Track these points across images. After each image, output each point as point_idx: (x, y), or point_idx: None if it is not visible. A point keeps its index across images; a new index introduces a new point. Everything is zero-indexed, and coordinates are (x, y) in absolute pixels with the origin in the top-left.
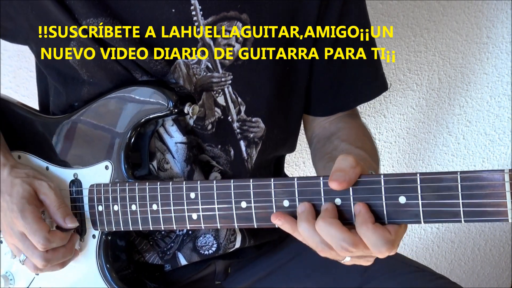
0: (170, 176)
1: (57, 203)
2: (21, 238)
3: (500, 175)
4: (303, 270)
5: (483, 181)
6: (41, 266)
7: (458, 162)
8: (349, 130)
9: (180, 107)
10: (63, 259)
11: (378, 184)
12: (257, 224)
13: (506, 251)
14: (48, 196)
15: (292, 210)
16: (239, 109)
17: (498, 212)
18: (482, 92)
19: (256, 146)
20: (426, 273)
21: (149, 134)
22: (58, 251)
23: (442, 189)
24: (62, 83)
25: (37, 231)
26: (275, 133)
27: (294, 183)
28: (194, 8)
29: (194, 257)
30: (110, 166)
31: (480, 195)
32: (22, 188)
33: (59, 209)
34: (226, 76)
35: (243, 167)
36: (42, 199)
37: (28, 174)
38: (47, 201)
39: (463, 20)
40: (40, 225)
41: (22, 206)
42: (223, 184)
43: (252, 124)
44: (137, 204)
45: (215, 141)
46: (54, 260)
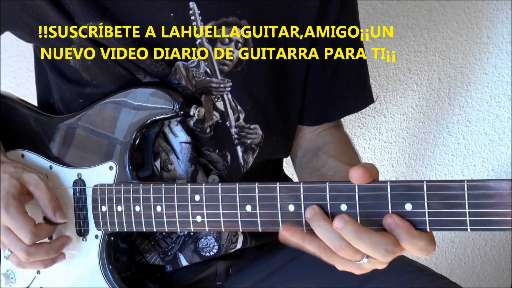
0: (173, 176)
1: (49, 196)
2: (5, 232)
3: (507, 184)
4: (303, 270)
5: (490, 190)
6: (23, 259)
7: (458, 162)
8: (335, 144)
9: (186, 109)
10: (46, 256)
11: (385, 191)
12: (262, 228)
13: (506, 251)
14: (38, 188)
15: (298, 214)
16: (238, 116)
17: (504, 221)
18: (482, 92)
19: (253, 152)
20: (426, 273)
21: (154, 136)
22: (42, 247)
23: (449, 197)
24: (64, 82)
25: (23, 225)
26: (274, 140)
27: (300, 187)
28: (193, 12)
29: (195, 258)
30: (115, 166)
31: (486, 204)
32: (9, 183)
33: (50, 202)
34: (225, 82)
35: (239, 172)
36: (32, 191)
37: (17, 167)
38: (37, 192)
39: (463, 20)
40: (25, 220)
41: (7, 201)
42: (228, 187)
43: (250, 130)
44: (141, 206)
45: (212, 145)
46: (37, 255)
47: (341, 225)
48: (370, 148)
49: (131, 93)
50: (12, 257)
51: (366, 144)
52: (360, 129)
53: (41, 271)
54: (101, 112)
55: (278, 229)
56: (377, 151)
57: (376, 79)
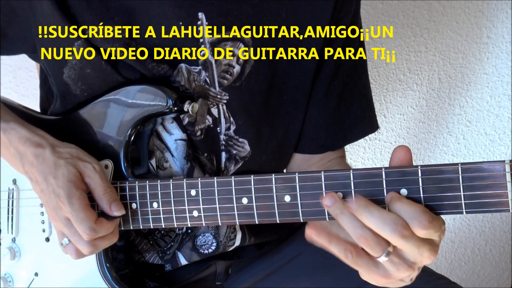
0: (169, 174)
1: (103, 188)
2: (67, 223)
3: (501, 165)
4: (303, 270)
5: (484, 172)
6: (87, 253)
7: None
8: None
9: (180, 105)
10: (109, 245)
11: (379, 177)
12: (259, 220)
13: (506, 251)
14: (93, 180)
15: (294, 205)
16: (229, 126)
17: (499, 203)
18: (482, 92)
19: (236, 163)
20: (426, 273)
21: (148, 133)
22: (105, 238)
23: (443, 181)
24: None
25: (84, 220)
26: (264, 159)
27: (295, 177)
28: (201, 23)
29: (194, 257)
30: (110, 165)
31: (481, 186)
32: (67, 170)
33: (105, 194)
34: (222, 95)
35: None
36: (87, 182)
37: (72, 154)
38: (92, 184)
39: (463, 20)
40: (87, 213)
41: (69, 191)
42: (224, 180)
43: (237, 143)
44: (137, 203)
45: (202, 148)
46: (100, 247)
47: (330, 203)
48: (370, 148)
49: (124, 90)
50: (69, 247)
51: (366, 144)
52: None
53: (39, 272)
54: (95, 111)
55: (275, 220)
56: (377, 151)
57: (376, 79)
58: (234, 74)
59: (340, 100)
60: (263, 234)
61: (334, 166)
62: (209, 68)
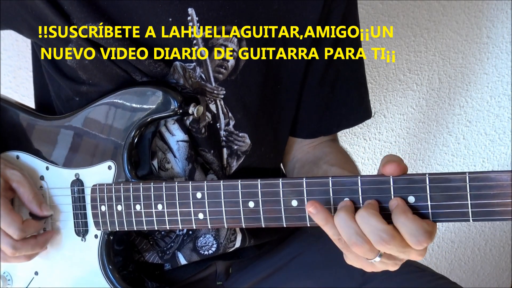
0: (171, 175)
1: (32, 192)
2: None
3: (508, 175)
4: (303, 270)
5: (491, 181)
6: (9, 254)
7: (458, 162)
8: (336, 154)
9: (185, 108)
10: (32, 251)
11: (387, 184)
12: (265, 224)
13: (506, 251)
14: (22, 185)
15: (301, 210)
16: (228, 121)
17: (505, 211)
18: (482, 92)
19: (238, 158)
20: (426, 273)
21: (150, 135)
22: (28, 242)
23: (451, 189)
24: (61, 78)
25: (11, 222)
26: (263, 150)
27: (302, 182)
28: (191, 19)
29: (194, 257)
30: (113, 166)
31: (488, 195)
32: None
33: (34, 197)
34: (219, 90)
35: (223, 174)
36: (15, 187)
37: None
38: (20, 189)
39: (463, 20)
40: (13, 217)
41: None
42: (231, 184)
43: (238, 138)
44: (141, 204)
45: (208, 145)
46: (23, 250)
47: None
48: (370, 148)
49: (129, 92)
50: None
51: (366, 144)
52: (360, 129)
53: (39, 272)
54: (99, 112)
55: (281, 224)
56: (377, 151)
57: (376, 79)
58: (228, 68)
59: (333, 88)
60: (263, 235)
61: (325, 147)
62: (203, 64)
